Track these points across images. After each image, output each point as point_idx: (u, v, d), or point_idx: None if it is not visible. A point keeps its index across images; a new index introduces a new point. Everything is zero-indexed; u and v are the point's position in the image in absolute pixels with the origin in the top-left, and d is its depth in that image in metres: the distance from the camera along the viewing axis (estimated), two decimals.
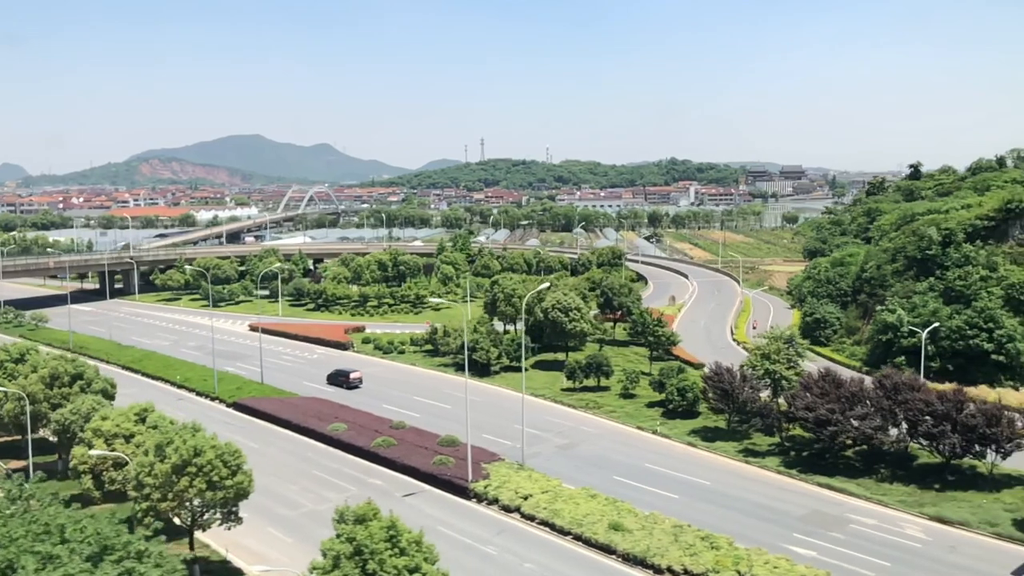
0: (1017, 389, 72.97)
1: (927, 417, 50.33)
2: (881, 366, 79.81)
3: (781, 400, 59.72)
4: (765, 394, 61.42)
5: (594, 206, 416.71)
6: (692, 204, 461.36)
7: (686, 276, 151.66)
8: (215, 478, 37.89)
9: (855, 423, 52.06)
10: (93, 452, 40.39)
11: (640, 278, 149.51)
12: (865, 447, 54.45)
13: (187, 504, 38.16)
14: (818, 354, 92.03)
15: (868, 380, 57.59)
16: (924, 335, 67.84)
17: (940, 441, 50.01)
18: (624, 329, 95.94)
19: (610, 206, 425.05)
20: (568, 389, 74.91)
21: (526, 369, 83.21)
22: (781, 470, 54.52)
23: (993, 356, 74.36)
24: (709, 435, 61.57)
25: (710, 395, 60.84)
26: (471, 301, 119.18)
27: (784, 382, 60.13)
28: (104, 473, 42.17)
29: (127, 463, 41.49)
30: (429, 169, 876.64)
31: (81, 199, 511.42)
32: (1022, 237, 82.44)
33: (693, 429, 62.97)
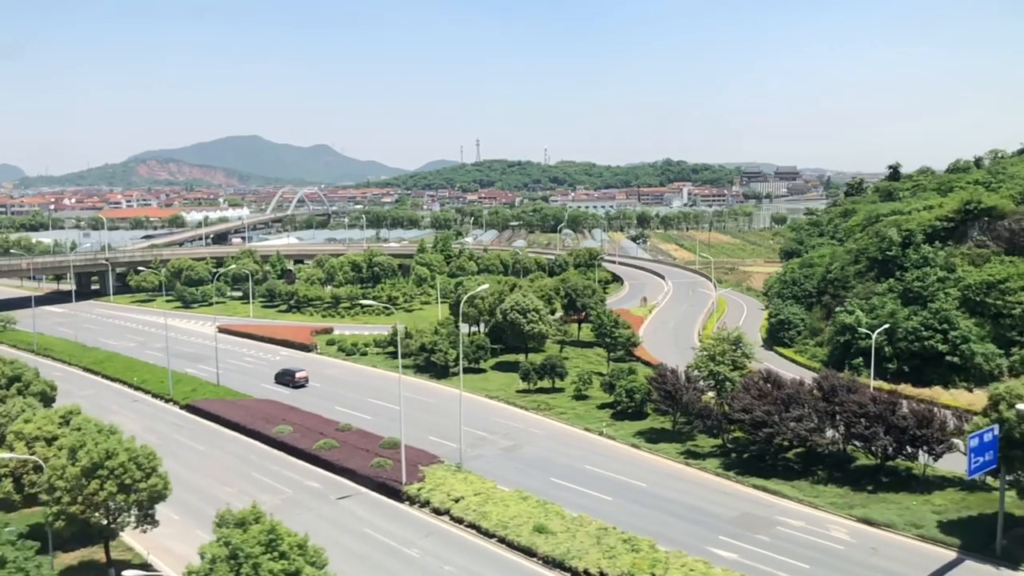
0: (971, 390, 72.84)
1: (860, 419, 50.24)
2: (845, 367, 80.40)
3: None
4: (712, 395, 61.46)
5: (587, 207, 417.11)
6: (685, 205, 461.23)
7: (662, 277, 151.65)
8: (127, 481, 37.78)
9: (792, 425, 51.87)
10: (4, 455, 40.29)
11: (616, 279, 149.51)
12: (803, 449, 54.34)
13: (99, 507, 37.98)
14: (781, 355, 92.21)
15: (809, 381, 57.42)
16: (876, 336, 67.73)
17: (872, 443, 50.03)
18: (590, 330, 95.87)
19: (603, 207, 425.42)
20: (523, 391, 74.83)
21: (485, 370, 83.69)
22: (719, 472, 54.45)
23: (948, 358, 74.28)
24: (654, 436, 61.51)
25: (654, 396, 60.73)
26: (443, 303, 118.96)
27: (728, 383, 60.10)
28: (24, 477, 42.06)
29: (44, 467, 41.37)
30: (427, 170, 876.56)
31: (73, 200, 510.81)
32: (980, 238, 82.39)
33: (639, 430, 62.91)
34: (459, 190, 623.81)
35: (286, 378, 78.51)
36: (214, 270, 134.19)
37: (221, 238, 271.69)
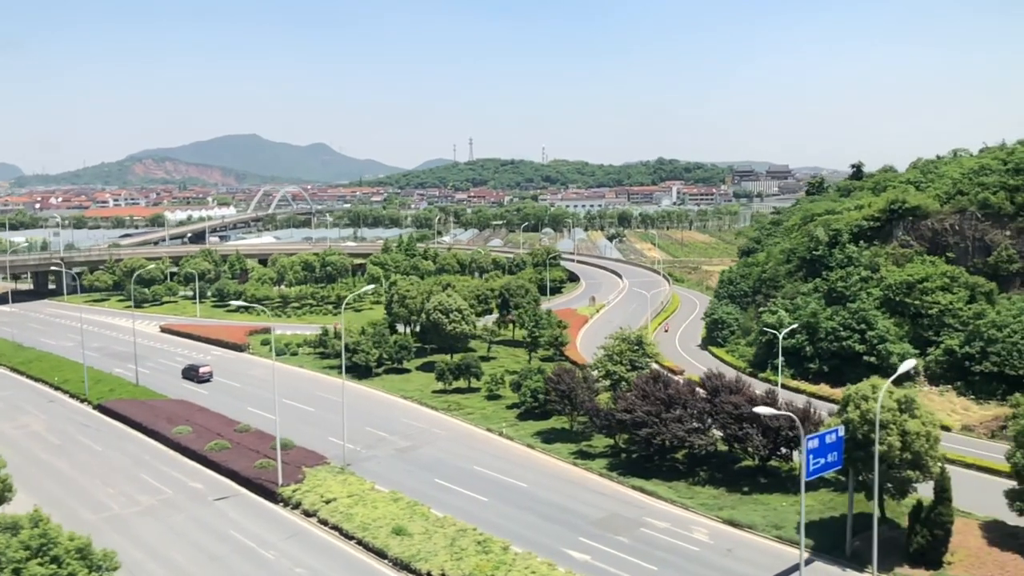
0: None
1: (735, 420, 50.14)
2: (767, 367, 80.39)
3: None
4: (607, 396, 61.36)
5: (576, 206, 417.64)
6: (674, 204, 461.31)
7: (620, 276, 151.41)
8: None
9: (671, 426, 51.74)
10: None
11: (573, 278, 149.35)
12: (689, 450, 54.21)
13: None
14: (714, 355, 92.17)
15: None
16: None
17: (746, 443, 49.90)
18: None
19: (592, 206, 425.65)
20: (439, 391, 74.75)
21: (410, 370, 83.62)
22: (603, 472, 54.38)
23: (865, 358, 74.10)
24: (552, 437, 61.44)
25: (551, 396, 60.62)
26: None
27: (624, 383, 59.99)
28: None
29: None
30: (424, 168, 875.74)
31: (60, 199, 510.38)
32: (905, 238, 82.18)
33: (540, 431, 62.83)
34: (451, 189, 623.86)
35: (191, 373, 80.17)
36: (167, 270, 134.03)
37: (200, 237, 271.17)
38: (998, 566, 39.24)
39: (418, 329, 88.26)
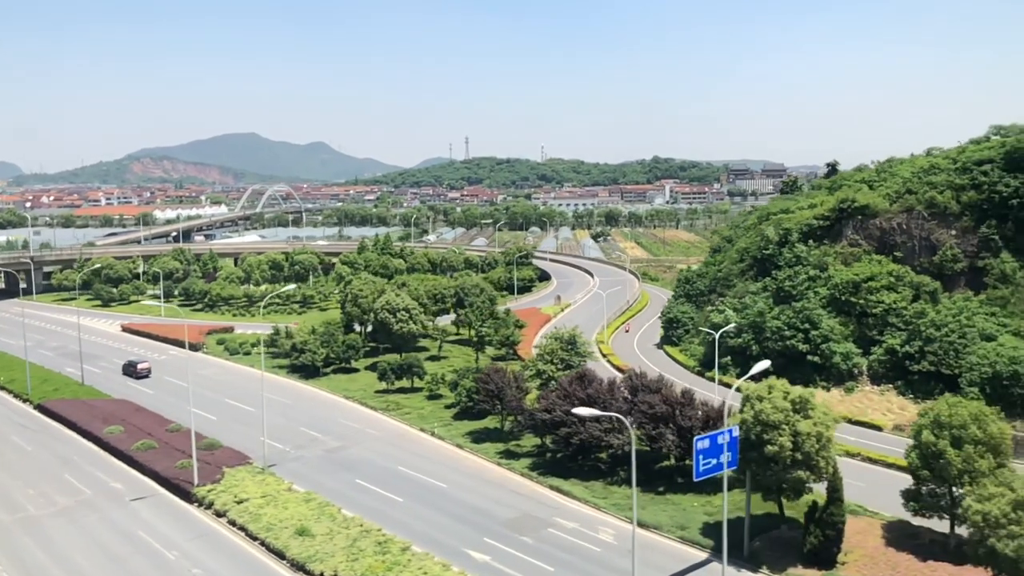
0: (828, 390, 72.69)
1: (649, 420, 50.05)
2: (714, 367, 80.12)
3: None
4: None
5: (569, 205, 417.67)
6: (667, 202, 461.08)
7: (591, 274, 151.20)
8: None
9: (588, 425, 51.62)
10: None
11: (544, 276, 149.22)
12: (613, 449, 54.09)
13: None
14: (668, 354, 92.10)
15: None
16: (717, 336, 67.42)
17: (660, 443, 49.81)
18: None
19: (585, 205, 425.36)
20: (383, 391, 74.65)
21: (358, 370, 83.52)
22: (524, 472, 54.33)
23: (809, 357, 74.03)
24: (483, 436, 61.38)
25: (480, 396, 60.54)
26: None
27: (554, 383, 59.90)
28: None
29: None
30: (423, 167, 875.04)
31: (52, 198, 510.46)
32: (854, 237, 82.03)
33: (472, 430, 62.75)
34: (447, 188, 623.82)
35: (130, 370, 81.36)
36: (136, 269, 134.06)
37: (185, 236, 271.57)
38: (890, 566, 39.15)
39: (370, 329, 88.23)
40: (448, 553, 42.38)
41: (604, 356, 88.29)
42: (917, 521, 43.29)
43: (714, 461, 39.41)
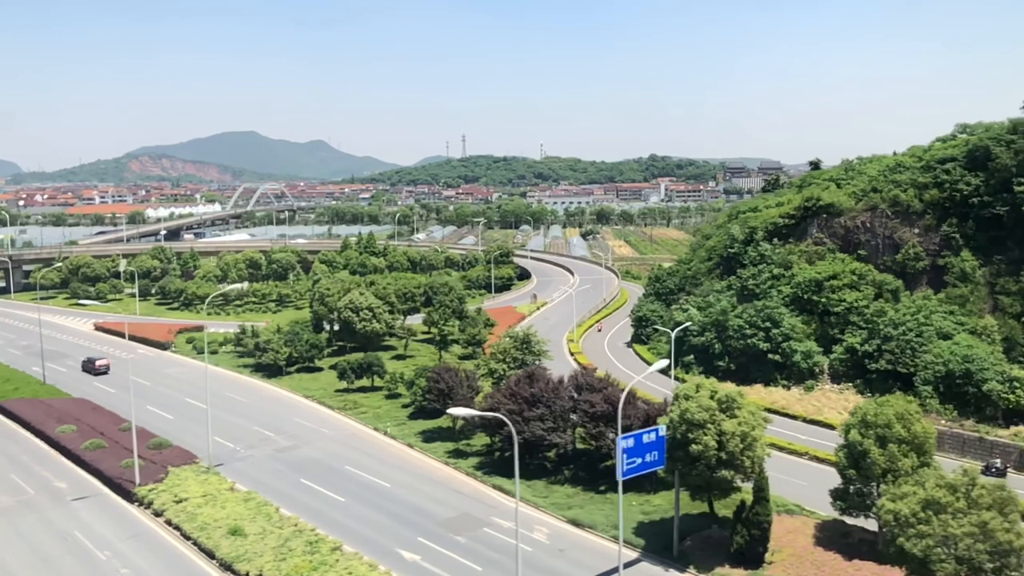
0: (788, 388, 72.57)
1: (591, 418, 49.94)
2: (678, 365, 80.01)
3: None
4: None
5: (564, 203, 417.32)
6: (662, 200, 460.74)
7: (572, 272, 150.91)
8: None
9: (532, 424, 51.49)
10: None
11: (525, 274, 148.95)
12: (560, 448, 53.99)
13: None
14: (636, 353, 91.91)
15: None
16: (672, 334, 67.17)
17: (601, 442, 49.68)
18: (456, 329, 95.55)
19: (580, 203, 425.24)
20: (343, 390, 74.52)
21: (322, 369, 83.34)
22: (469, 471, 54.25)
23: (770, 356, 73.88)
24: (435, 435, 61.28)
25: (430, 395, 60.39)
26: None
27: (505, 381, 59.69)
28: None
29: None
30: (423, 165, 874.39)
31: (46, 196, 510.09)
32: (819, 235, 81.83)
33: (425, 429, 62.65)
34: (443, 186, 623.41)
35: (89, 366, 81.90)
36: (116, 268, 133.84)
37: (174, 234, 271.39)
38: (816, 566, 39.01)
39: (337, 328, 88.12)
40: (380, 553, 42.31)
41: (572, 355, 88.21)
42: (852, 520, 43.19)
43: (639, 460, 39.31)
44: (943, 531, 31.37)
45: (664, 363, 39.50)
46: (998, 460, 52.75)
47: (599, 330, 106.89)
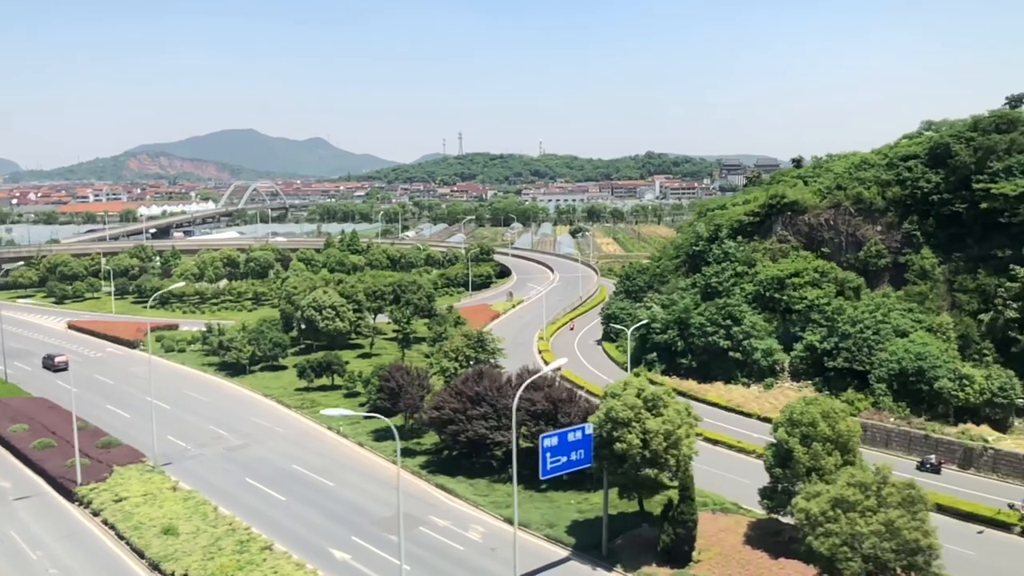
0: (748, 386, 72.48)
1: (531, 417, 49.83)
2: (642, 362, 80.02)
3: None
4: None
5: (559, 200, 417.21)
6: (656, 198, 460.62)
7: (552, 269, 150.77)
8: None
9: (474, 423, 51.43)
10: None
11: (505, 272, 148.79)
12: (503, 447, 53.85)
13: None
14: (605, 351, 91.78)
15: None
16: (630, 332, 67.07)
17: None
18: (424, 326, 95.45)
19: (574, 200, 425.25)
20: (303, 388, 74.45)
21: (286, 367, 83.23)
22: (414, 470, 54.20)
23: (731, 353, 73.71)
24: (387, 435, 61.03)
25: (380, 394, 60.26)
26: None
27: (453, 380, 59.57)
28: None
29: None
30: (421, 163, 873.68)
31: (39, 194, 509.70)
32: (783, 233, 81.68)
33: (378, 428, 62.55)
34: (439, 183, 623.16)
35: (49, 363, 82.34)
36: (95, 266, 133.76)
37: (164, 232, 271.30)
38: (742, 564, 38.93)
39: (303, 326, 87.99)
40: (311, 552, 42.28)
41: (540, 353, 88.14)
42: (786, 519, 43.06)
43: (564, 459, 39.34)
44: (851, 529, 31.26)
45: (563, 361, 39.27)
46: (932, 456, 52.67)
47: (571, 328, 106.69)
